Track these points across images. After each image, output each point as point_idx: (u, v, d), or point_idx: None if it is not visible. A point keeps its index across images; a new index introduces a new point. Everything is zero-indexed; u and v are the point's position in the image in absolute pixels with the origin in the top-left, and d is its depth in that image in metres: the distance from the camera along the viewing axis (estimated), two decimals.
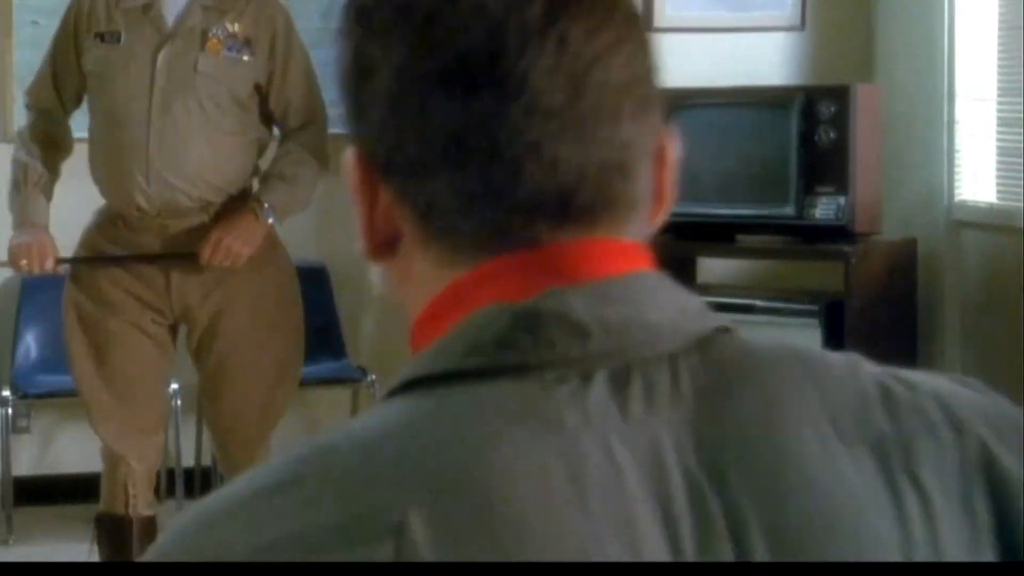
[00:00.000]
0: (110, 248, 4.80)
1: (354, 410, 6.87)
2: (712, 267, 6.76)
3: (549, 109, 1.06)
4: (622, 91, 1.10)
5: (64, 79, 4.85)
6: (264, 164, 4.97)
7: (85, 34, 4.73)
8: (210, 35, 4.64)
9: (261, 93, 4.77)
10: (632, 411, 1.03)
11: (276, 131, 5.00)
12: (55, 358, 6.56)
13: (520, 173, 1.07)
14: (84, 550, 6.12)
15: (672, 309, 1.08)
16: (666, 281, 1.11)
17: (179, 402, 6.51)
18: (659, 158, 1.15)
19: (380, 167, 1.11)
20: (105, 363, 4.75)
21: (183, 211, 4.70)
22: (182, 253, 4.72)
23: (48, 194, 4.86)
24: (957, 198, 6.52)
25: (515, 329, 1.04)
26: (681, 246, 6.28)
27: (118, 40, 4.67)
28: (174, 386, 6.45)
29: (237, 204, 4.75)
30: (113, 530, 4.83)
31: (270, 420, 4.96)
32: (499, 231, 1.08)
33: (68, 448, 6.82)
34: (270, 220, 4.76)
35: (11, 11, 6.66)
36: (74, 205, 6.65)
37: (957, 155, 6.53)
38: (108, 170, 4.75)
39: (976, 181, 6.51)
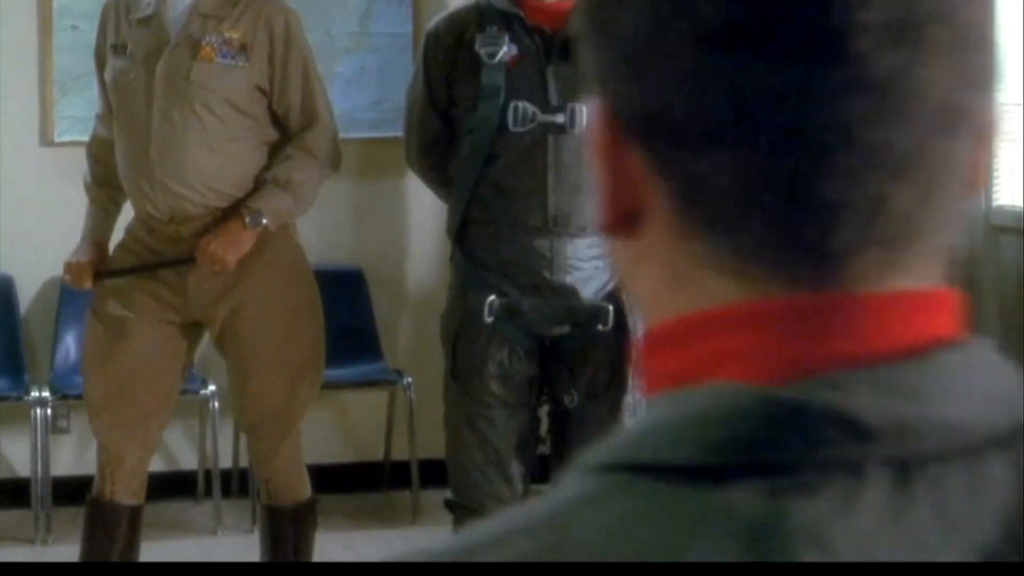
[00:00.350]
0: (137, 247, 4.89)
1: (390, 412, 6.89)
2: None
3: (871, 80, 0.82)
4: (962, 53, 0.85)
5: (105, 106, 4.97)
6: None
7: (106, 46, 4.85)
8: (203, 43, 4.67)
9: (268, 97, 4.81)
10: (914, 533, 0.79)
11: None
12: None
13: (823, 162, 0.83)
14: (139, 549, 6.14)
15: (985, 398, 0.83)
16: (979, 355, 0.85)
17: (216, 404, 6.53)
18: (981, 135, 0.88)
19: (633, 125, 0.87)
20: (111, 354, 4.82)
21: (191, 217, 4.75)
22: (183, 260, 4.79)
23: (102, 207, 5.01)
24: (995, 203, 6.50)
25: (776, 427, 0.80)
26: None
27: (125, 51, 4.73)
28: (211, 387, 6.49)
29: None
30: (93, 513, 4.94)
31: (293, 416, 4.99)
32: (784, 241, 0.84)
33: None
34: (263, 223, 4.75)
35: (51, 16, 6.70)
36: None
37: (994, 160, 6.50)
38: (124, 177, 4.82)
39: (1014, 186, 6.49)
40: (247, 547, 6.27)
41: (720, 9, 0.82)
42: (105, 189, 4.96)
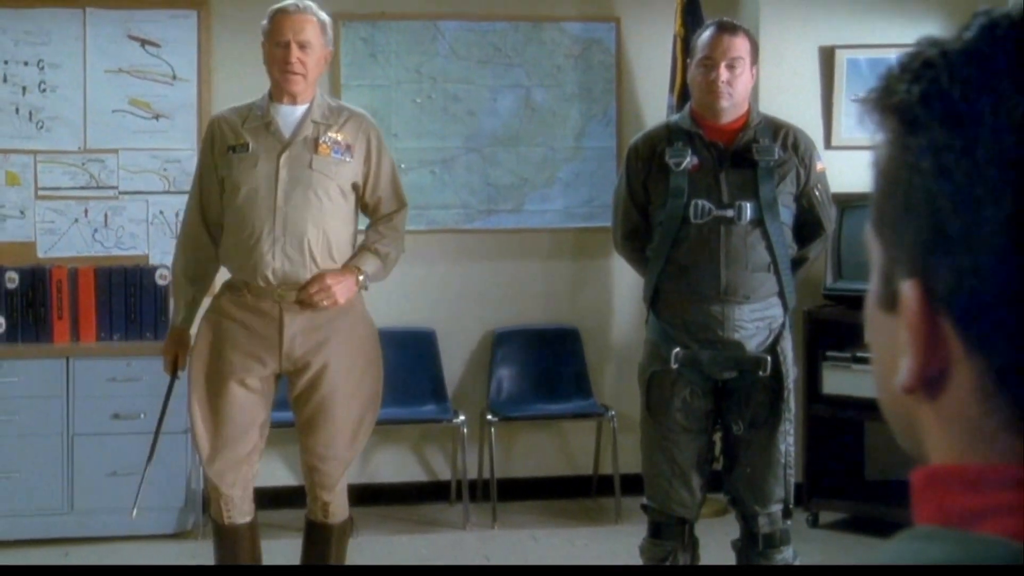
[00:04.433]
0: (235, 311, 4.63)
1: (598, 437, 6.87)
2: None
3: None
4: None
5: (208, 199, 4.72)
6: None
7: (220, 151, 4.66)
8: (321, 141, 4.59)
9: (357, 191, 4.69)
10: None
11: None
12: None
13: None
14: (405, 541, 6.21)
15: None
16: None
17: (466, 429, 6.56)
18: None
19: (947, 302, 0.77)
20: (217, 414, 4.65)
21: (300, 279, 4.56)
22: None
23: (189, 303, 4.77)
24: None
25: None
26: (852, 315, 6.23)
27: (247, 149, 4.60)
28: (461, 417, 6.53)
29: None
30: (216, 533, 4.81)
31: (354, 451, 4.80)
32: None
33: (383, 463, 6.95)
34: (362, 282, 4.66)
35: None
36: (410, 283, 6.82)
37: None
38: (241, 252, 4.60)
39: None
40: (489, 539, 6.31)
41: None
42: (196, 285, 4.75)
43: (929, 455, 0.81)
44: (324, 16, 4.66)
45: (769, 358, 4.42)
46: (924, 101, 0.78)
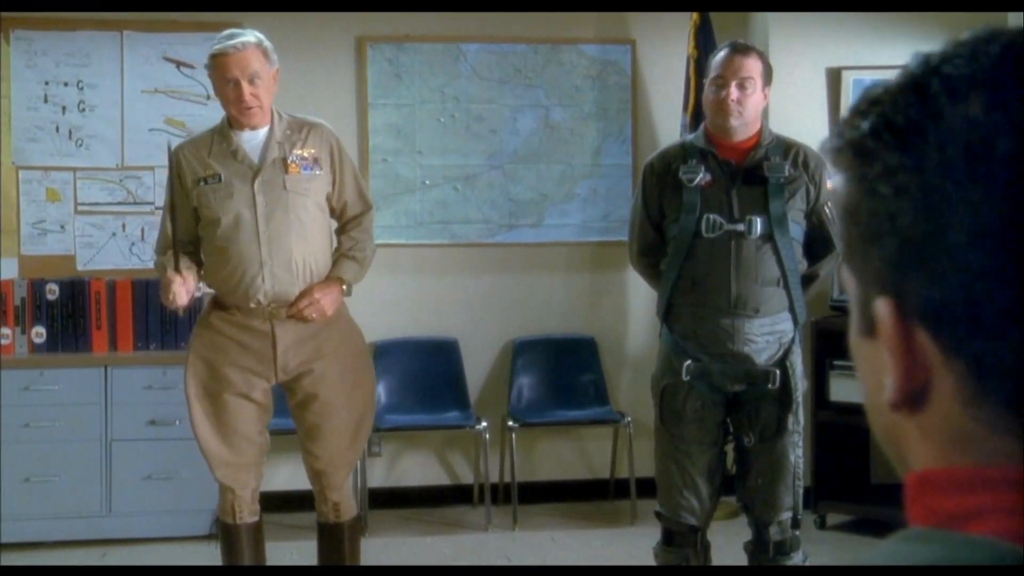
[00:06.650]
0: (227, 328, 4.60)
1: (615, 442, 6.86)
2: None
3: None
4: None
5: (185, 226, 4.62)
6: None
7: (190, 184, 4.58)
8: (289, 161, 4.55)
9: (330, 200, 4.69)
10: None
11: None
12: (402, 403, 6.68)
13: None
14: (429, 542, 6.18)
15: None
16: None
17: (488, 436, 6.54)
18: None
19: (922, 315, 0.77)
20: (221, 424, 4.63)
21: (291, 297, 4.56)
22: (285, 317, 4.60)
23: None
24: None
25: None
26: None
27: (219, 180, 4.54)
28: (483, 424, 6.52)
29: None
30: (226, 533, 4.78)
31: (355, 454, 4.80)
32: None
33: (409, 467, 6.92)
34: (345, 290, 4.67)
35: (368, 152, 6.82)
36: (388, 295, 6.81)
37: None
38: (229, 280, 4.57)
39: None
40: (510, 540, 6.29)
41: (991, 208, 0.74)
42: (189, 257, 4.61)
43: (913, 460, 0.82)
44: (264, 41, 4.56)
45: (778, 371, 4.38)
46: (873, 132, 0.81)
